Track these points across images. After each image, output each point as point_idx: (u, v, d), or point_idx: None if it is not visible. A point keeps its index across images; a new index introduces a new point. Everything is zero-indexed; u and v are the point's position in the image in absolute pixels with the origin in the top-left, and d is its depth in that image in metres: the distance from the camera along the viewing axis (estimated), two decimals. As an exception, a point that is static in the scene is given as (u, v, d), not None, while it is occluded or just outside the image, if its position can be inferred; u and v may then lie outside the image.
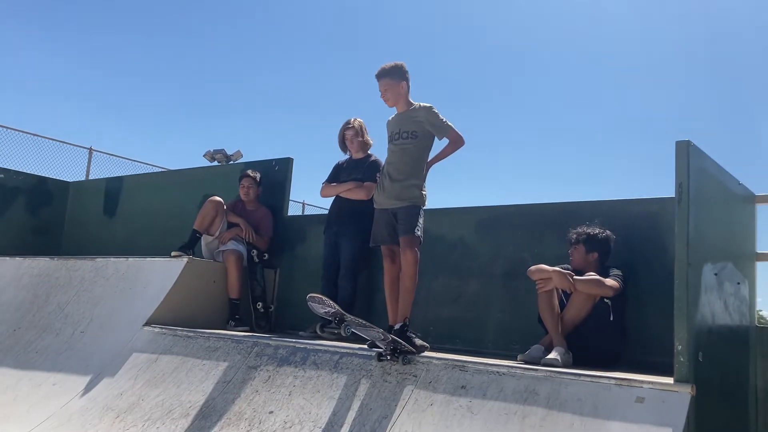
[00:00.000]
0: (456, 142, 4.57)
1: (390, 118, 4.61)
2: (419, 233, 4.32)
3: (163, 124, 39.35)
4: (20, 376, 5.31)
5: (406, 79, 4.51)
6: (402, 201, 4.37)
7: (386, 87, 4.49)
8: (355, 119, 5.71)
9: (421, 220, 4.33)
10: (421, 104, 4.52)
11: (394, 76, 4.48)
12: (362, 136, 5.65)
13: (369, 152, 5.71)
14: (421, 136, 4.42)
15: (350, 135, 5.65)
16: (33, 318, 6.08)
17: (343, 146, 5.73)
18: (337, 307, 3.90)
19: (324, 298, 3.94)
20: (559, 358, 3.67)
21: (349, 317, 3.89)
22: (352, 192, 5.53)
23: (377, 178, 4.78)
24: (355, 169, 5.66)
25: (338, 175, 5.75)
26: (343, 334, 3.88)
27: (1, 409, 4.90)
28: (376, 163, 5.54)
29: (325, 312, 3.98)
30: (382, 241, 4.42)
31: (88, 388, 4.81)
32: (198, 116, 43.09)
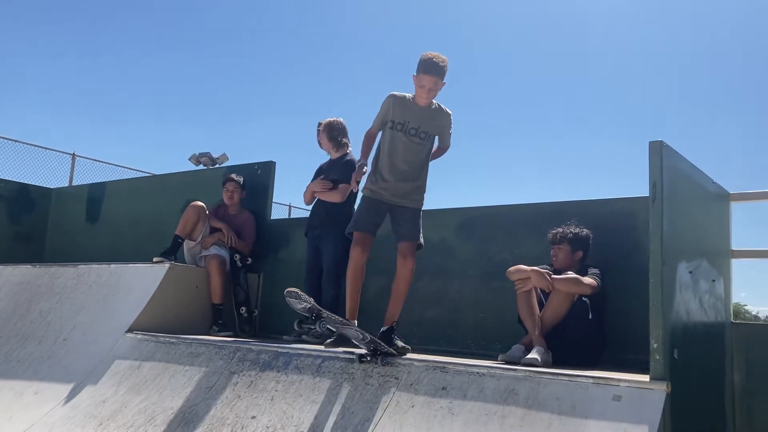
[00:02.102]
0: (444, 152, 4.60)
1: (404, 101, 4.35)
2: (422, 240, 4.33)
3: (147, 129, 39.21)
4: (1, 385, 5.27)
5: None
6: (409, 201, 4.34)
7: (435, 85, 4.23)
8: (327, 120, 5.75)
9: (421, 224, 4.33)
10: (444, 108, 4.43)
11: (444, 75, 4.25)
12: (330, 135, 5.68)
13: (347, 151, 5.73)
14: (433, 139, 4.42)
15: (319, 135, 5.73)
16: (14, 326, 6.04)
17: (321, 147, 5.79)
18: (312, 302, 3.91)
19: (300, 293, 3.93)
20: (538, 357, 3.70)
21: (325, 313, 3.89)
22: (327, 195, 5.55)
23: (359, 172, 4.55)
24: (331, 169, 5.69)
25: (318, 176, 5.77)
26: (319, 329, 3.89)
27: (-18, 419, 4.87)
28: (350, 162, 5.54)
29: (302, 308, 3.98)
30: (364, 229, 4.29)
31: (70, 396, 4.79)
32: (182, 120, 42.95)
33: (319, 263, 5.55)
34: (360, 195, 4.54)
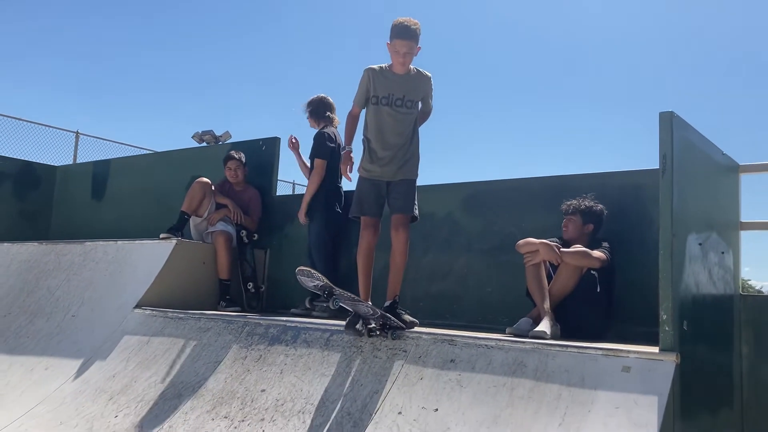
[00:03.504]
0: (428, 116, 4.55)
1: (383, 73, 4.31)
2: (417, 212, 4.31)
3: (150, 106, 39.07)
4: (12, 361, 5.32)
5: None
6: (400, 174, 4.29)
7: (410, 49, 4.21)
8: (309, 98, 5.90)
9: (416, 195, 4.31)
10: (423, 71, 4.38)
11: (418, 39, 4.22)
12: (311, 111, 5.82)
13: (326, 124, 5.83)
14: (418, 105, 4.39)
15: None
16: (23, 303, 6.08)
17: None
18: (325, 280, 3.91)
19: (313, 271, 3.93)
20: (547, 330, 3.71)
21: (337, 290, 3.89)
22: (313, 183, 5.63)
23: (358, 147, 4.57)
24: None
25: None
26: (332, 307, 3.89)
27: (-6, 394, 4.92)
28: (319, 134, 5.68)
29: (314, 285, 3.97)
30: (369, 213, 4.30)
31: (80, 371, 4.83)
32: (185, 96, 42.77)
33: None
34: (356, 176, 4.51)
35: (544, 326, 3.75)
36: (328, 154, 5.59)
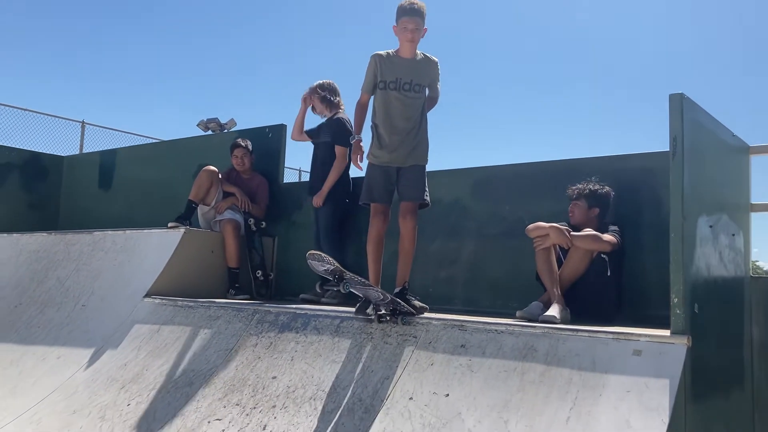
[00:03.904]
0: (435, 102, 4.54)
1: (390, 59, 4.33)
2: (428, 198, 4.31)
3: (155, 94, 39.04)
4: (24, 350, 5.36)
5: None
6: (410, 160, 4.30)
7: (417, 26, 4.23)
8: (316, 83, 5.81)
9: (426, 181, 4.31)
10: (430, 56, 4.39)
11: (424, 18, 4.25)
12: (320, 96, 5.74)
13: (338, 110, 5.77)
14: (425, 90, 4.38)
15: (309, 97, 5.83)
16: (33, 293, 6.11)
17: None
18: (336, 264, 3.90)
19: (324, 255, 3.92)
20: (557, 314, 3.70)
21: (348, 275, 3.89)
22: (337, 171, 5.58)
23: (369, 131, 4.59)
24: (324, 129, 5.76)
25: (314, 133, 5.88)
26: (342, 291, 3.89)
27: (7, 383, 4.96)
28: (340, 121, 5.62)
29: (325, 270, 3.97)
30: (379, 200, 4.32)
31: (92, 360, 4.86)
32: (190, 85, 42.72)
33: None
34: (365, 162, 4.51)
35: (554, 311, 3.74)
36: (348, 142, 5.60)
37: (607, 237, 4.10)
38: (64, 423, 4.24)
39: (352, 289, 3.85)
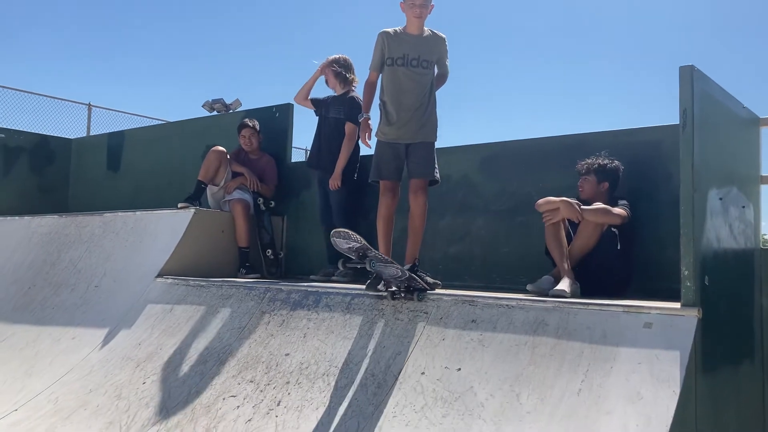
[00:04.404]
0: (445, 79, 4.53)
1: (398, 35, 4.34)
2: (438, 175, 4.32)
3: (160, 75, 38.94)
4: (39, 331, 5.43)
5: None
6: (419, 136, 4.30)
7: (426, 3, 4.24)
8: (331, 57, 5.76)
9: (435, 158, 4.31)
10: (437, 32, 4.38)
11: None
12: (335, 72, 5.70)
13: (352, 87, 5.74)
14: (434, 67, 4.37)
15: (325, 68, 5.76)
16: (47, 275, 6.17)
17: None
18: (363, 241, 3.88)
19: (350, 232, 3.88)
20: (567, 288, 3.72)
21: (372, 251, 3.89)
22: (348, 149, 5.56)
23: (376, 108, 4.58)
24: (335, 105, 5.73)
25: (320, 104, 5.85)
26: (368, 269, 3.90)
27: (24, 364, 5.03)
28: (353, 100, 5.57)
29: (349, 247, 3.94)
30: (388, 177, 4.33)
31: (106, 340, 4.92)
32: (194, 65, 42.59)
33: (329, 204, 5.65)
34: (374, 140, 4.51)
35: (564, 285, 3.76)
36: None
37: (617, 210, 4.11)
38: (81, 402, 4.31)
39: (375, 265, 3.84)
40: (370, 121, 4.43)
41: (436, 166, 4.33)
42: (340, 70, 5.69)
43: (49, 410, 4.35)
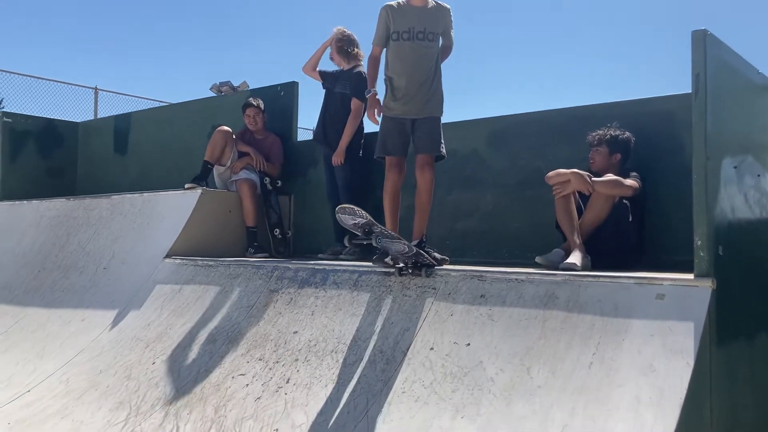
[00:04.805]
0: (450, 51, 4.45)
1: (402, 8, 4.27)
2: (444, 150, 4.26)
3: (167, 58, 38.88)
4: (50, 314, 5.44)
5: None
6: (425, 111, 4.24)
7: None
8: (335, 32, 5.67)
9: (442, 133, 4.25)
10: (441, 3, 4.31)
11: None
12: (339, 48, 5.62)
13: (358, 62, 5.66)
14: (439, 39, 4.30)
15: (331, 47, 5.67)
16: (56, 258, 6.18)
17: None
18: (368, 217, 3.83)
19: (355, 208, 3.83)
20: (577, 262, 3.66)
21: (378, 227, 3.84)
22: (353, 126, 5.48)
23: (379, 83, 4.55)
24: (341, 79, 5.65)
25: (328, 76, 5.78)
26: (375, 245, 3.85)
27: (36, 346, 5.06)
28: (360, 75, 5.47)
29: (355, 223, 3.89)
30: (393, 152, 4.28)
31: (116, 322, 4.92)
32: (201, 48, 42.46)
33: (336, 183, 5.60)
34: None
35: (575, 258, 3.70)
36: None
37: (628, 182, 4.03)
38: (92, 383, 4.31)
39: (382, 241, 3.79)
40: (377, 96, 4.39)
41: (443, 141, 4.27)
42: (341, 45, 5.62)
43: (60, 391, 4.36)
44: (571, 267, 3.59)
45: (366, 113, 4.53)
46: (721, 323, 2.97)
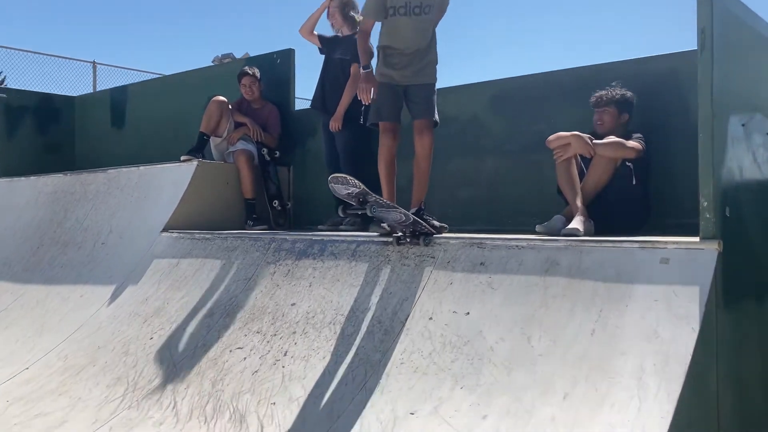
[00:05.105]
0: (445, 9, 4.33)
1: None
2: (437, 117, 4.17)
3: (167, 31, 38.51)
4: (48, 290, 5.41)
5: None
6: (419, 78, 4.16)
7: None
8: None
9: (436, 99, 4.15)
10: None
11: None
12: (344, 13, 5.45)
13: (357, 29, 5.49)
14: (434, 8, 4.17)
15: (332, 8, 5.47)
16: (54, 234, 6.13)
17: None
18: (362, 186, 3.72)
19: (348, 177, 3.72)
20: (579, 227, 3.56)
21: (372, 197, 3.74)
22: (352, 91, 5.32)
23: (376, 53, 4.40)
24: (341, 46, 5.49)
25: (326, 42, 5.63)
26: (369, 214, 3.76)
27: (34, 323, 5.03)
28: None
29: (348, 193, 3.79)
30: (387, 118, 4.18)
31: (114, 297, 4.87)
32: (201, 18, 42.04)
33: (336, 150, 5.46)
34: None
35: (577, 223, 3.60)
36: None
37: (631, 143, 3.90)
38: (90, 359, 4.28)
39: (376, 210, 3.69)
40: (374, 73, 4.24)
41: (436, 108, 4.17)
42: (346, 9, 5.45)
43: (59, 367, 4.33)
44: (573, 232, 3.49)
45: (358, 90, 4.32)
46: (728, 287, 2.87)
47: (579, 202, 3.80)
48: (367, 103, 4.26)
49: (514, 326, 3.06)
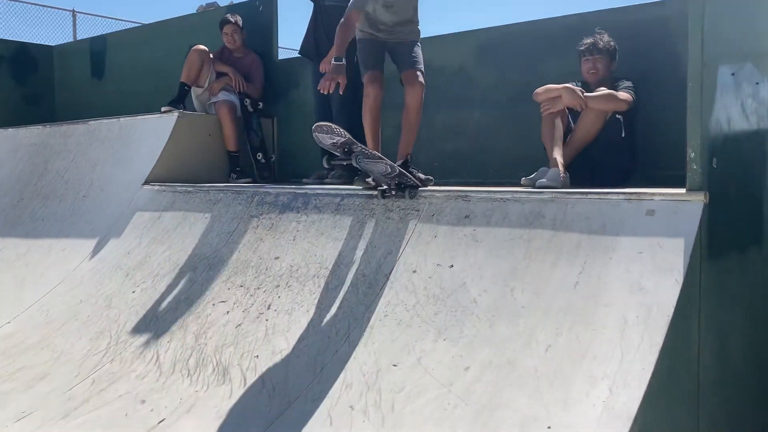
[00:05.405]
0: None
1: None
2: (423, 70, 4.09)
3: (150, -19, 37.38)
4: (30, 244, 5.35)
5: None
6: (402, 36, 4.12)
7: None
8: None
9: (420, 54, 4.08)
10: None
11: None
12: None
13: None
14: None
15: None
16: (35, 187, 6.03)
17: None
18: (347, 135, 3.61)
19: (333, 126, 3.60)
20: (553, 179, 3.50)
21: (358, 146, 3.66)
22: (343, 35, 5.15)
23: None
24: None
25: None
26: (354, 165, 3.68)
27: (16, 277, 4.99)
28: None
29: (333, 143, 3.68)
30: (373, 67, 4.09)
31: (96, 250, 4.82)
32: (185, -31, 40.82)
33: (327, 102, 5.31)
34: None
35: (552, 174, 3.54)
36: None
37: (623, 95, 3.82)
38: (72, 312, 4.25)
39: (362, 160, 3.60)
40: (343, 64, 3.85)
41: (422, 61, 4.09)
42: None
43: (41, 321, 4.31)
44: (547, 186, 3.43)
45: (322, 80, 3.86)
46: (714, 239, 2.85)
47: (557, 155, 3.73)
48: (325, 93, 3.90)
49: (497, 279, 3.04)
